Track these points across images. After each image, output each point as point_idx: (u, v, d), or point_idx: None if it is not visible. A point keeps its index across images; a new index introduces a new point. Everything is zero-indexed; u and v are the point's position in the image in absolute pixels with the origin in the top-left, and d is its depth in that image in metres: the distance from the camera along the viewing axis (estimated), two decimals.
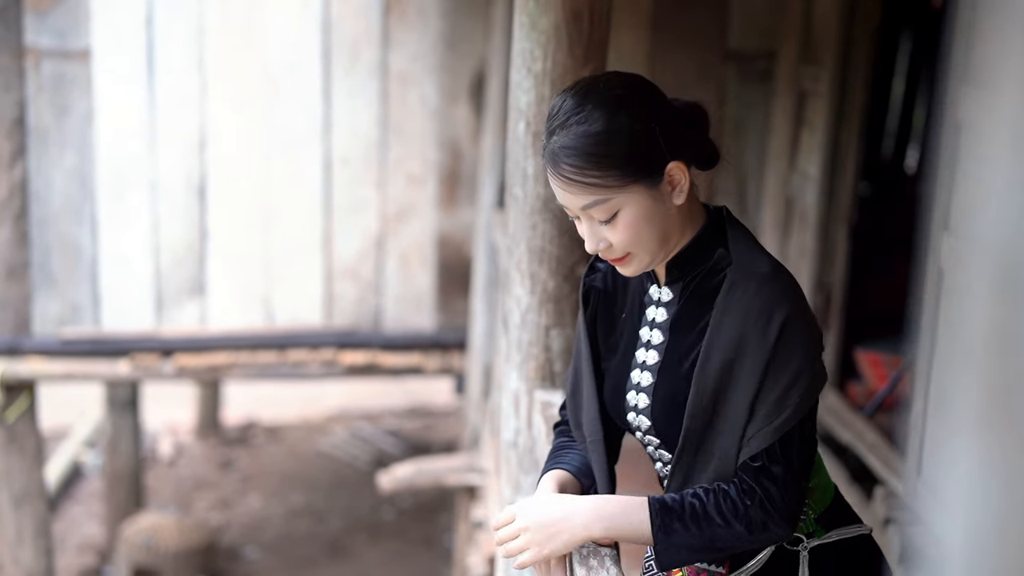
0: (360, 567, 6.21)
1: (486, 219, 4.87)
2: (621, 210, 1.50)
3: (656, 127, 1.50)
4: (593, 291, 1.74)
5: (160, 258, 5.10)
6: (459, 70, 5.13)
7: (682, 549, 1.52)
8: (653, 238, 1.53)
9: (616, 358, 1.69)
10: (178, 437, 7.87)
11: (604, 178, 1.48)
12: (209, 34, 4.99)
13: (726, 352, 1.49)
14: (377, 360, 5.08)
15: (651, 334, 1.65)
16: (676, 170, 1.51)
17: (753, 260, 1.53)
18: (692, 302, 1.60)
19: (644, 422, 1.63)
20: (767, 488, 1.49)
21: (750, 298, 1.48)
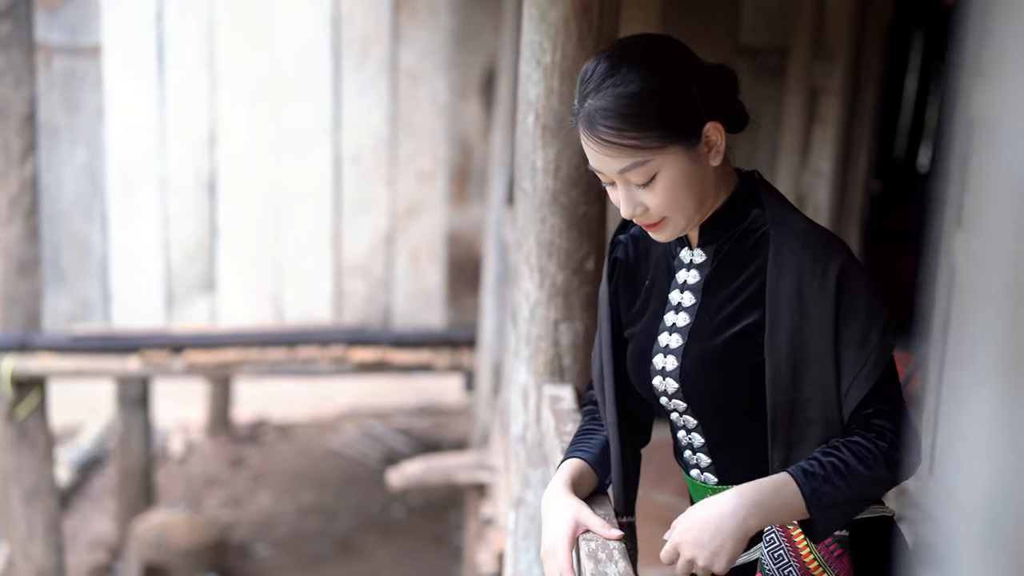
0: (370, 565, 6.20)
1: (496, 215, 4.86)
2: (659, 172, 1.48)
3: (693, 87, 1.49)
4: (617, 263, 1.73)
5: (170, 255, 5.10)
6: (469, 66, 5.12)
7: (836, 509, 1.47)
8: (691, 201, 1.51)
9: (640, 325, 1.68)
10: (189, 435, 7.88)
11: (642, 139, 1.45)
12: (219, 30, 4.99)
13: (791, 317, 1.47)
14: (387, 357, 5.07)
15: (682, 296, 1.63)
16: (713, 131, 1.50)
17: (791, 219, 1.52)
18: (727, 262, 1.58)
19: (671, 385, 1.61)
20: (884, 428, 1.46)
21: (800, 256, 1.47)
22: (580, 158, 2.30)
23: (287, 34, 5.02)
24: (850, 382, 1.46)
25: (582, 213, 2.30)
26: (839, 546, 1.54)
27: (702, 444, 1.64)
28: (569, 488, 1.65)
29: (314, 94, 5.06)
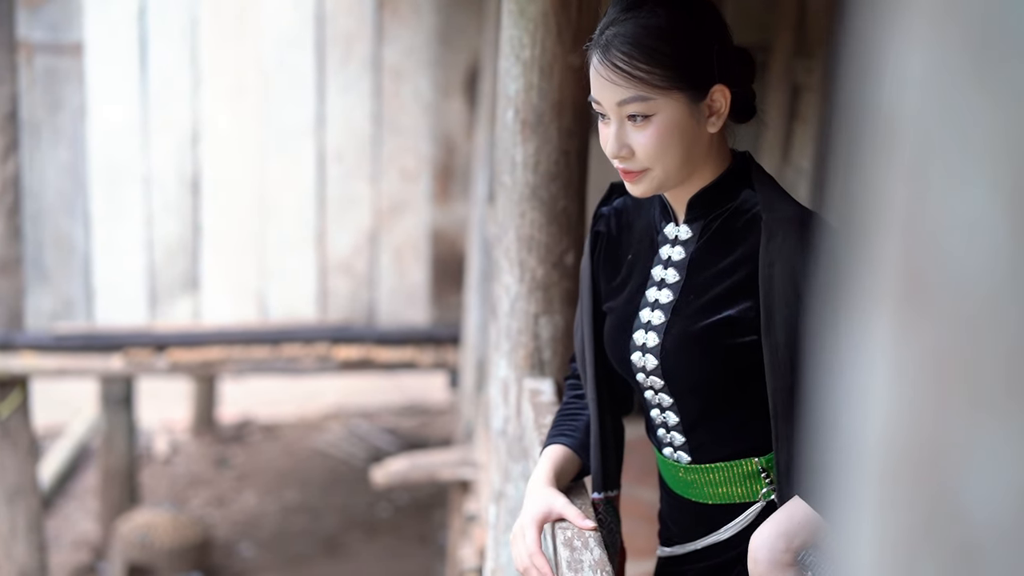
0: (355, 564, 6.21)
1: (480, 213, 4.87)
2: (657, 114, 1.46)
3: (715, 44, 1.47)
4: (599, 236, 1.72)
5: (153, 253, 5.10)
6: (453, 64, 5.13)
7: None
8: (677, 156, 1.48)
9: (621, 299, 1.67)
10: (173, 435, 7.86)
11: (651, 74, 1.44)
12: (202, 28, 4.98)
13: (786, 304, 1.45)
14: (371, 355, 5.08)
15: (665, 272, 1.61)
16: (720, 94, 1.47)
17: (784, 204, 1.49)
18: (714, 241, 1.56)
19: (650, 362, 1.60)
20: None
21: (793, 242, 1.44)
22: (560, 153, 2.31)
23: (270, 32, 5.02)
24: None
25: (561, 208, 2.31)
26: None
27: (677, 423, 1.63)
28: (550, 479, 1.65)
29: (298, 92, 5.06)
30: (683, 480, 1.65)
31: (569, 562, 1.60)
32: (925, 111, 0.28)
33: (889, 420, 0.28)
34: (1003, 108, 0.26)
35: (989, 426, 0.26)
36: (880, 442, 0.28)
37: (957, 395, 0.27)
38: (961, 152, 0.27)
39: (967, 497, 0.27)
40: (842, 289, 0.30)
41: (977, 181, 0.27)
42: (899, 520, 0.28)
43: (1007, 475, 0.26)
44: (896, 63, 0.29)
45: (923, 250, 0.27)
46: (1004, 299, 0.26)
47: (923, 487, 0.28)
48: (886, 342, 0.28)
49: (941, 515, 0.27)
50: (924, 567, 0.28)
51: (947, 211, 0.27)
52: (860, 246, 0.29)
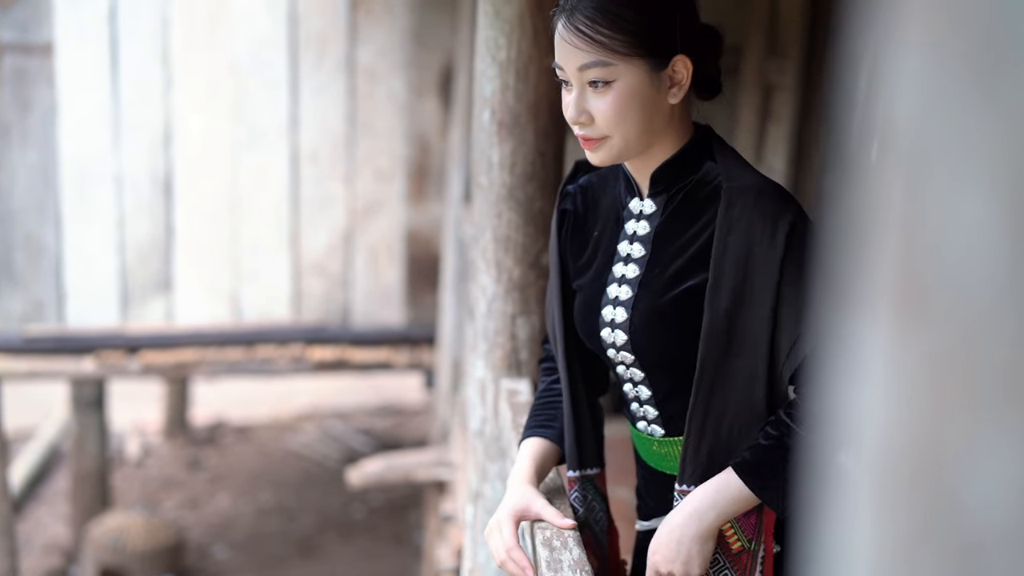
0: (330, 565, 6.18)
1: (455, 213, 4.87)
2: (617, 80, 1.46)
3: (678, 14, 1.48)
4: (565, 215, 1.72)
5: (125, 254, 5.06)
6: (427, 65, 5.12)
7: (785, 485, 1.47)
8: (635, 124, 1.48)
9: (588, 276, 1.67)
10: (145, 437, 7.81)
11: (613, 40, 1.44)
12: (173, 28, 4.96)
13: (736, 272, 1.45)
14: (346, 356, 5.07)
15: (631, 248, 1.61)
16: (682, 65, 1.48)
17: (744, 174, 1.50)
18: (677, 214, 1.56)
19: (620, 337, 1.60)
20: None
21: (750, 211, 1.44)
22: (536, 154, 2.32)
23: (243, 32, 5.00)
24: (794, 340, 1.45)
25: (538, 208, 2.32)
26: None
27: (649, 397, 1.63)
28: (529, 477, 1.66)
29: (271, 92, 5.04)
30: (657, 453, 1.66)
31: (548, 562, 1.60)
32: (923, 118, 0.29)
33: (888, 424, 0.29)
34: (1001, 115, 0.27)
35: (987, 430, 0.27)
36: (879, 445, 0.29)
37: (956, 400, 0.27)
38: (959, 159, 0.28)
39: (966, 500, 0.27)
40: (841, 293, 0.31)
41: (975, 188, 0.27)
42: (898, 522, 0.29)
43: (1006, 478, 0.26)
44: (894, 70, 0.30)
45: (921, 256, 0.28)
46: (1002, 305, 0.27)
47: (922, 490, 0.28)
48: (885, 347, 0.29)
49: (940, 518, 0.28)
50: (924, 569, 0.28)
51: (945, 217, 0.28)
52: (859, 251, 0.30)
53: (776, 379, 1.50)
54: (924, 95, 0.29)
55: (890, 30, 0.31)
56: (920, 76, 0.29)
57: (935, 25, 0.29)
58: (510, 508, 1.61)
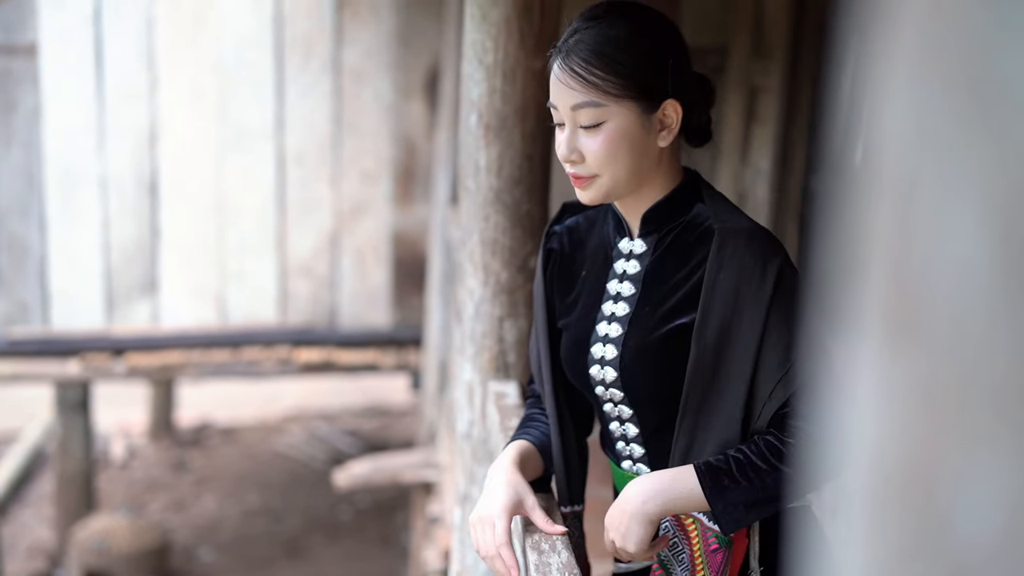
0: (317, 567, 6.18)
1: (441, 215, 4.87)
2: (607, 121, 1.50)
3: (670, 59, 1.51)
4: (552, 253, 1.74)
5: (111, 256, 5.04)
6: (413, 66, 5.12)
7: (739, 505, 1.49)
8: (625, 164, 1.52)
9: (575, 315, 1.69)
10: (131, 439, 7.78)
11: (605, 81, 1.49)
12: (158, 29, 4.94)
13: (724, 309, 1.49)
14: (333, 357, 5.06)
15: (621, 286, 1.64)
16: (672, 109, 1.52)
17: (736, 218, 1.53)
18: (668, 254, 1.60)
19: (610, 374, 1.62)
20: (802, 428, 1.48)
21: (742, 253, 1.48)
22: (523, 157, 2.32)
23: (228, 33, 4.99)
24: (775, 383, 1.48)
25: (525, 211, 2.32)
26: (717, 542, 1.56)
27: (636, 434, 1.65)
28: (516, 465, 1.64)
29: (257, 94, 5.03)
30: None
31: (537, 565, 1.61)
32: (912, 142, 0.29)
33: (879, 444, 0.29)
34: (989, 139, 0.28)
35: (977, 450, 0.27)
36: (871, 465, 0.30)
37: (946, 420, 0.28)
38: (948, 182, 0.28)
39: (956, 519, 0.28)
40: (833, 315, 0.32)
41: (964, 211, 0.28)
42: (889, 541, 0.30)
43: (996, 498, 0.27)
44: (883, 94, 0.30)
45: (911, 279, 0.29)
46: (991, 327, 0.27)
47: (913, 509, 0.29)
48: (876, 368, 0.30)
49: (930, 537, 0.28)
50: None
51: (935, 241, 0.29)
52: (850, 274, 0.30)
53: (751, 420, 1.52)
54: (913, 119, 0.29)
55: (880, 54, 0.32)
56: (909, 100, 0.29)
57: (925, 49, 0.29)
58: (504, 502, 1.59)
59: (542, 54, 2.35)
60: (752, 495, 1.48)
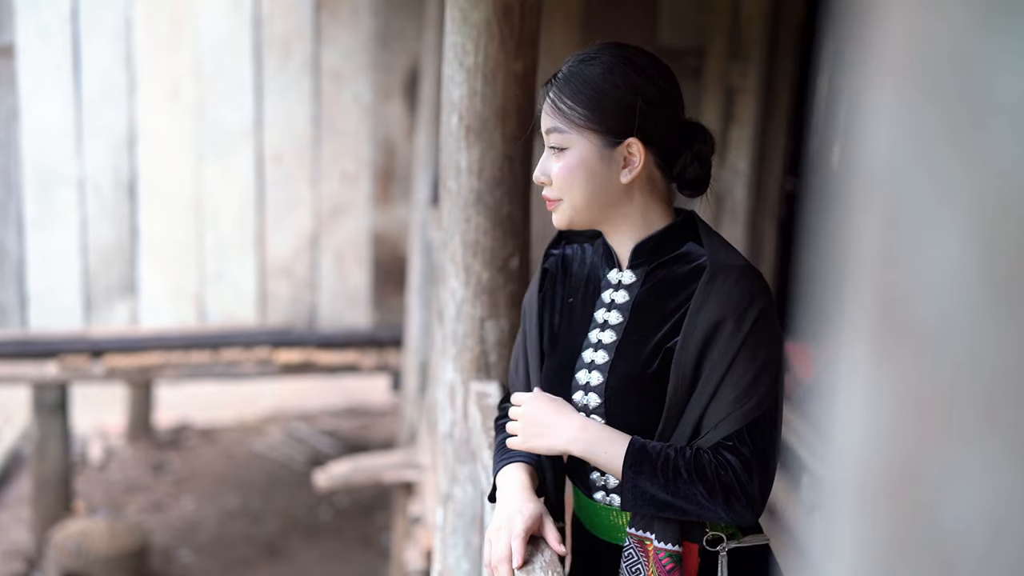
0: (297, 568, 6.17)
1: (421, 216, 4.88)
2: (570, 149, 1.60)
3: (640, 103, 1.58)
4: (547, 274, 1.78)
5: (89, 258, 5.02)
6: (393, 67, 5.13)
7: (645, 493, 1.55)
8: (582, 192, 1.60)
9: (560, 340, 1.72)
10: (108, 440, 7.74)
11: (572, 111, 1.59)
12: (137, 30, 4.92)
13: (704, 335, 1.54)
14: (312, 358, 5.06)
15: (609, 315, 1.68)
16: (635, 149, 1.59)
17: (730, 255, 1.59)
18: (658, 287, 1.64)
19: (594, 400, 1.65)
20: (734, 466, 1.52)
21: (730, 288, 1.54)
22: (504, 158, 2.34)
23: (207, 34, 4.98)
24: (725, 414, 1.53)
25: (506, 213, 2.34)
26: (671, 560, 1.59)
27: None
28: (531, 488, 1.67)
29: (235, 94, 5.02)
30: (613, 524, 1.69)
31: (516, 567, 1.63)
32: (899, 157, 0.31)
33: (868, 447, 0.31)
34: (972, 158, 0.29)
35: (963, 453, 0.29)
36: (859, 467, 0.31)
37: (933, 424, 0.30)
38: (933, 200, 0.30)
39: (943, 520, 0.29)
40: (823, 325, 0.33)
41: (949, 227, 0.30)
42: (877, 541, 0.31)
43: (981, 499, 0.29)
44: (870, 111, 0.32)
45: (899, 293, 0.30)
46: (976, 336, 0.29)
47: (900, 510, 0.31)
48: (865, 375, 0.31)
49: (918, 537, 0.30)
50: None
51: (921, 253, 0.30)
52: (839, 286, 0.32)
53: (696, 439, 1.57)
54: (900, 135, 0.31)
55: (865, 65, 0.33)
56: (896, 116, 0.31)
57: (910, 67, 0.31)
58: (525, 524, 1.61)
59: (522, 56, 2.36)
60: (660, 492, 1.54)
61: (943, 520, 0.29)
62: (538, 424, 1.63)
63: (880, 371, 0.30)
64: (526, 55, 2.34)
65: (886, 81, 0.31)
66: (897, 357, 0.30)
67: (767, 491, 1.55)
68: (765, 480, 1.54)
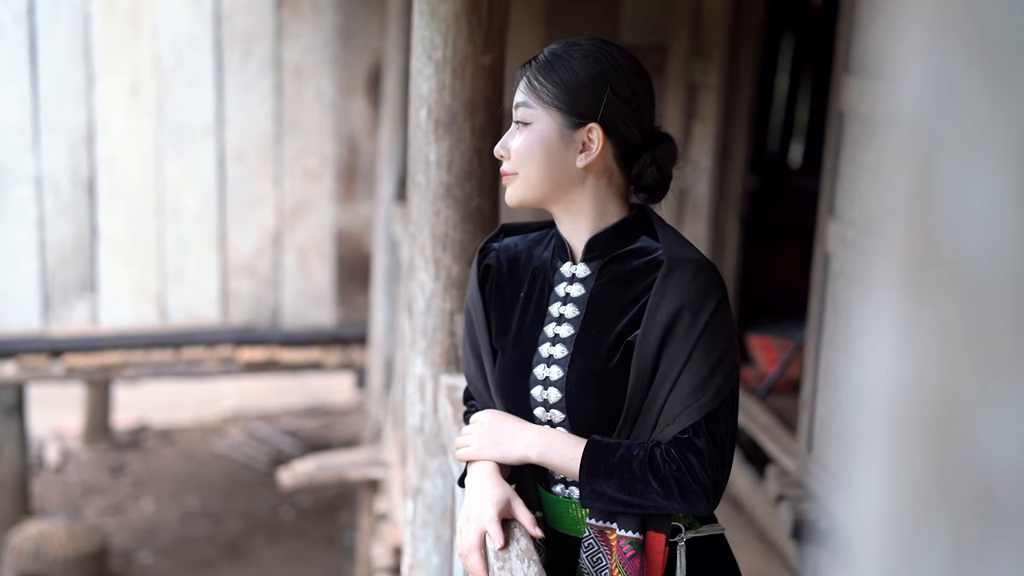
0: (259, 568, 6.13)
1: (385, 212, 4.87)
2: (533, 124, 1.63)
3: (609, 92, 1.60)
4: (490, 270, 1.77)
5: (47, 256, 4.96)
6: (355, 63, 5.11)
7: (603, 495, 1.58)
8: (539, 170, 1.62)
9: (512, 335, 1.72)
10: (65, 442, 7.64)
11: (542, 87, 1.62)
12: (94, 26, 4.87)
13: (662, 332, 1.56)
14: (276, 356, 5.03)
15: (564, 308, 1.68)
16: (595, 135, 1.61)
17: (685, 249, 1.61)
18: (613, 280, 1.66)
19: (554, 394, 1.66)
20: (689, 459, 1.55)
21: (687, 281, 1.56)
22: (473, 152, 2.34)
23: (166, 30, 4.93)
24: (682, 408, 1.56)
25: (475, 206, 2.34)
26: (632, 547, 1.61)
27: None
28: (498, 470, 1.67)
29: (196, 91, 4.98)
30: (572, 517, 1.70)
31: (496, 552, 1.63)
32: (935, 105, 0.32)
33: (905, 381, 0.32)
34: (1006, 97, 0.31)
35: (997, 384, 0.30)
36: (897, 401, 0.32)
37: (967, 357, 0.31)
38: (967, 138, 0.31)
39: (979, 449, 0.31)
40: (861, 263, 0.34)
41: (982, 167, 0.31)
42: (915, 471, 0.32)
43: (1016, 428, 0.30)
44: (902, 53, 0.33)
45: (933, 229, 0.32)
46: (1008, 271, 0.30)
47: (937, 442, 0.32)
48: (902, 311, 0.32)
49: (955, 466, 0.31)
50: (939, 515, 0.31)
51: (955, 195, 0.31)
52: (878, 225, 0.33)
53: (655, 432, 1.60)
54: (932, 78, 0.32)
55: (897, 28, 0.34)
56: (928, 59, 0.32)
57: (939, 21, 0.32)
58: (495, 509, 1.62)
59: (491, 50, 2.37)
60: (617, 493, 1.57)
61: (981, 451, 0.31)
62: (494, 432, 1.65)
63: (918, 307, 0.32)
64: (494, 48, 2.35)
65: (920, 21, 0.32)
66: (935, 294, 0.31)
67: (724, 482, 1.58)
68: (721, 471, 1.57)
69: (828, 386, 3.25)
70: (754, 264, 4.65)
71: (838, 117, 3.18)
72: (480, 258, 1.78)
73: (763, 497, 3.64)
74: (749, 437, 3.89)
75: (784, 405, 3.94)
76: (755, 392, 4.11)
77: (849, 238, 3.11)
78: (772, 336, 4.39)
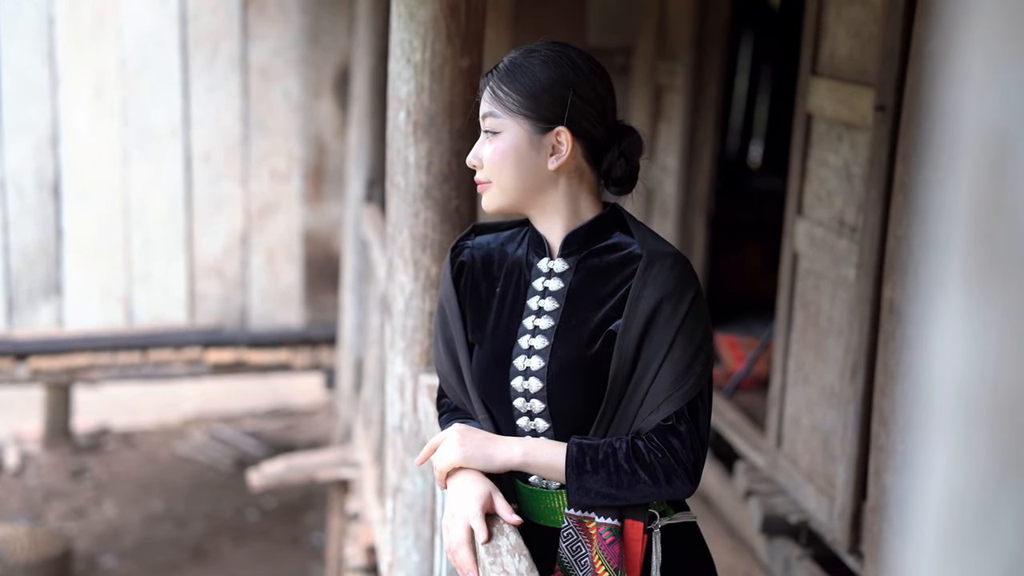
0: (225, 570, 6.10)
1: (354, 213, 4.87)
2: (503, 133, 1.66)
3: (572, 95, 1.64)
4: (464, 267, 1.79)
5: (11, 258, 4.91)
6: (322, 64, 5.11)
7: (592, 490, 1.62)
8: (512, 178, 1.66)
9: (490, 330, 1.74)
10: (24, 446, 7.55)
11: (507, 97, 1.66)
12: (59, 26, 4.83)
13: (643, 322, 1.61)
14: (244, 358, 5.02)
15: (543, 302, 1.72)
16: (564, 137, 1.65)
17: (660, 243, 1.67)
18: (592, 272, 1.70)
19: (535, 385, 1.69)
20: (673, 444, 1.61)
21: (667, 273, 1.61)
22: (452, 153, 2.37)
23: (131, 31, 4.90)
24: (665, 396, 1.61)
25: (454, 207, 2.37)
26: (611, 534, 1.65)
27: None
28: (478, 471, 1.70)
29: (162, 92, 4.96)
30: (548, 507, 1.73)
31: (487, 547, 1.66)
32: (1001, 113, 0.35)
33: (975, 371, 0.35)
34: None
35: None
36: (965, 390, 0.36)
37: None
38: None
39: None
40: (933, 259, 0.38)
41: None
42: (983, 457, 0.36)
43: None
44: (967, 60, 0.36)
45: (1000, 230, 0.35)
46: None
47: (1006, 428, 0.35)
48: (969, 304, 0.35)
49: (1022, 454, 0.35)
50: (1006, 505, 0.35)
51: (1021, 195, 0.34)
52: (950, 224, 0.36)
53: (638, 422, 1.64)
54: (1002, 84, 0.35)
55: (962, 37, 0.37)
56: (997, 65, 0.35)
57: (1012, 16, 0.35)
58: (479, 504, 1.66)
59: (469, 52, 2.40)
60: (605, 487, 1.61)
61: None
62: (475, 440, 1.68)
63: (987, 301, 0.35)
64: (472, 51, 2.38)
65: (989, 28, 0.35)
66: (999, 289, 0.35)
67: (702, 464, 1.65)
68: (701, 454, 1.63)
69: (797, 383, 3.31)
70: (717, 263, 4.72)
71: (804, 118, 3.24)
72: (453, 255, 1.80)
73: (732, 493, 3.69)
74: (717, 433, 3.95)
75: (751, 402, 4.01)
76: (722, 390, 4.16)
77: (818, 237, 3.17)
78: (738, 334, 4.46)
